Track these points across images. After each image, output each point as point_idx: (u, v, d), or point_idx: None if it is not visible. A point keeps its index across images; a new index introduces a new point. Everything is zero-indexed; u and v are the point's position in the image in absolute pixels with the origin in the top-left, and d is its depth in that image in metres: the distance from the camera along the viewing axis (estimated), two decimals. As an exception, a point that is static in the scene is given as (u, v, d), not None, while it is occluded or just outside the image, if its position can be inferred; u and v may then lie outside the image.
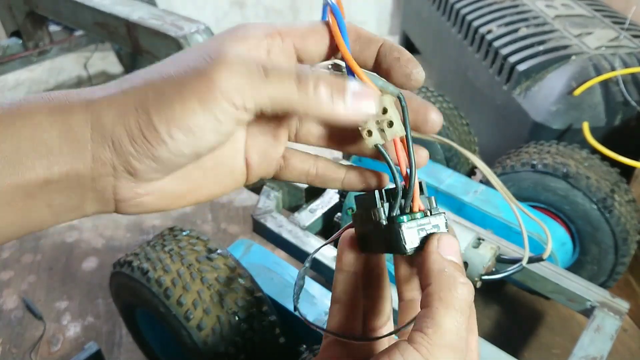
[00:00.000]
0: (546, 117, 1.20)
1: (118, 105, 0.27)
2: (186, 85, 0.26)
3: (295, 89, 0.27)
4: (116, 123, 0.27)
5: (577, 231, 0.98)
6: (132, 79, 0.28)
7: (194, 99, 0.26)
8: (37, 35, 1.58)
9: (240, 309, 0.72)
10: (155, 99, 0.27)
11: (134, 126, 0.27)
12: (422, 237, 0.29)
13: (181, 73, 0.27)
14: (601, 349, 0.70)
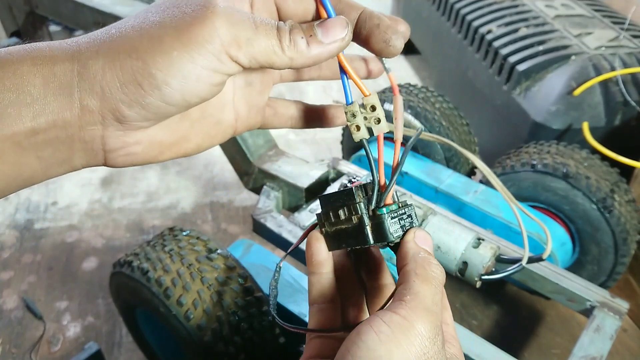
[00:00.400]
0: (546, 117, 1.20)
1: (108, 52, 0.26)
2: (184, 32, 0.26)
3: (277, 44, 0.28)
4: (106, 70, 0.26)
5: (577, 231, 0.98)
6: (119, 27, 0.28)
7: (193, 46, 0.26)
8: (37, 36, 1.58)
9: (240, 309, 0.72)
10: (151, 45, 0.26)
11: (127, 72, 0.26)
12: (402, 225, 0.31)
13: (177, 20, 0.26)
14: (601, 349, 0.70)
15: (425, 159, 1.10)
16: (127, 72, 0.26)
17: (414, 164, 1.07)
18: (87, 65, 0.27)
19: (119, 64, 0.26)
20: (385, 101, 1.12)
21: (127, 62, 0.26)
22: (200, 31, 0.26)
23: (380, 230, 0.30)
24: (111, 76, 0.26)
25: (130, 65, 0.26)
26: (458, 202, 0.99)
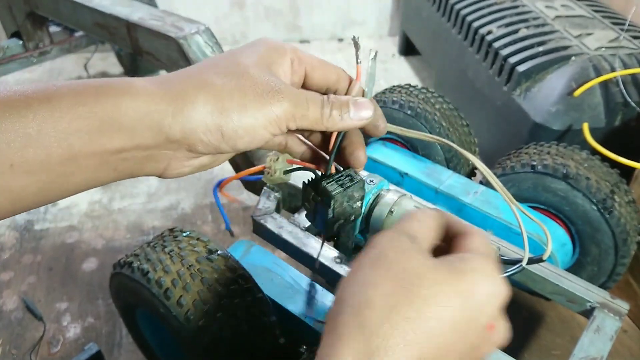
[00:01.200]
0: (546, 118, 1.20)
1: (203, 105, 0.35)
2: (265, 106, 0.36)
3: (320, 115, 0.38)
4: (198, 118, 0.34)
5: (577, 232, 0.98)
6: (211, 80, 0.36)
7: (267, 117, 0.36)
8: (38, 36, 1.59)
9: (240, 309, 0.72)
10: (238, 109, 0.35)
11: (215, 122, 0.35)
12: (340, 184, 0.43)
13: (258, 95, 0.36)
14: (601, 350, 0.70)
15: (425, 160, 1.10)
16: (216, 123, 0.35)
17: (414, 164, 1.07)
18: (182, 110, 0.34)
19: (211, 117, 0.35)
20: (386, 101, 1.12)
21: (218, 117, 0.35)
22: (275, 108, 0.36)
23: (323, 192, 0.43)
24: (202, 122, 0.35)
25: (220, 120, 0.35)
26: (458, 203, 0.99)
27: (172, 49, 1.02)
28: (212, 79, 0.36)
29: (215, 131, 0.35)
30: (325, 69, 0.42)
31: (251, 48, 0.39)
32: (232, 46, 2.31)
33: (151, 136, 0.34)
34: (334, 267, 0.81)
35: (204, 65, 0.38)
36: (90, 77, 1.98)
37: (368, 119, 0.40)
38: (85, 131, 0.32)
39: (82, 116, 0.32)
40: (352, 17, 2.38)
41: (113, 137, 0.33)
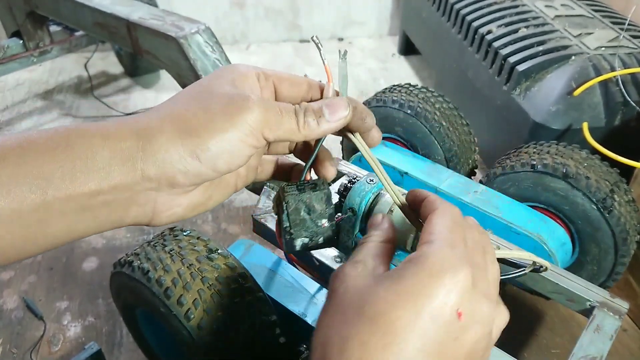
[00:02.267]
0: (546, 118, 1.20)
1: (170, 130, 0.33)
2: (234, 116, 0.34)
3: (295, 124, 0.37)
4: (169, 145, 0.33)
5: (576, 231, 0.98)
6: (172, 111, 0.35)
7: (240, 127, 0.34)
8: (38, 36, 1.59)
9: (240, 308, 0.72)
10: (206, 125, 0.33)
11: (187, 147, 0.33)
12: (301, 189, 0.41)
13: (224, 107, 0.34)
14: (601, 349, 0.70)
15: (425, 159, 1.10)
16: (187, 147, 0.33)
17: (414, 164, 1.07)
18: (150, 142, 0.33)
19: (181, 141, 0.33)
20: (386, 101, 1.12)
21: (187, 139, 0.33)
22: (246, 116, 0.34)
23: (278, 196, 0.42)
24: (173, 150, 0.33)
25: (190, 142, 0.33)
26: (458, 203, 0.99)
27: (172, 49, 1.02)
28: (175, 107, 0.35)
29: (189, 156, 0.33)
30: (293, 81, 0.41)
31: (215, 74, 0.39)
32: (232, 46, 2.31)
33: (126, 173, 0.33)
34: (334, 266, 0.81)
35: (170, 99, 0.37)
36: (90, 77, 1.98)
37: (345, 117, 0.38)
38: (58, 175, 0.31)
39: (54, 160, 0.31)
40: (352, 17, 2.38)
41: (88, 178, 0.32)
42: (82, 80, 2.02)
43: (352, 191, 0.81)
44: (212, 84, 0.37)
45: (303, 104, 0.38)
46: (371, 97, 1.17)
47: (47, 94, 1.96)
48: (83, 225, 0.33)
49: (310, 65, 2.19)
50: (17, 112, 1.86)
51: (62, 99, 1.93)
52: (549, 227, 0.96)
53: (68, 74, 2.08)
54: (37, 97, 1.95)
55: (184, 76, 1.06)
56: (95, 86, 1.98)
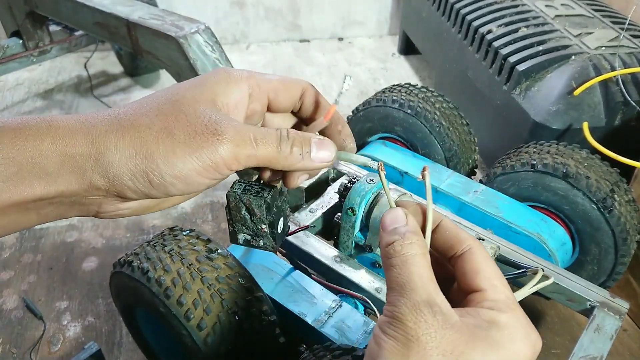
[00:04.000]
0: (546, 117, 1.20)
1: (125, 147, 0.31)
2: (196, 151, 0.31)
3: (276, 153, 0.34)
4: (122, 162, 0.31)
5: (577, 231, 0.98)
6: (134, 119, 0.32)
7: (202, 164, 0.31)
8: (37, 35, 1.59)
9: (240, 308, 0.72)
10: (165, 153, 0.31)
11: (140, 168, 0.31)
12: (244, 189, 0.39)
13: (190, 138, 0.31)
14: (601, 349, 0.70)
15: (425, 159, 1.10)
16: (140, 169, 0.31)
17: (414, 163, 1.07)
18: (104, 155, 0.31)
19: (134, 161, 0.31)
20: (386, 100, 1.12)
21: (142, 162, 0.31)
22: (211, 154, 0.31)
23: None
24: (126, 168, 0.31)
25: (145, 165, 0.31)
26: (458, 202, 0.99)
27: (172, 48, 1.02)
28: (139, 120, 0.32)
29: (141, 178, 0.31)
30: (289, 89, 0.38)
31: (199, 80, 0.35)
32: (232, 46, 2.31)
33: (75, 181, 0.31)
34: (334, 266, 0.81)
35: (138, 102, 0.34)
36: (90, 76, 1.98)
37: (329, 162, 0.36)
38: (1, 179, 0.29)
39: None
40: (352, 17, 2.38)
41: (33, 183, 0.30)
42: (82, 80, 2.02)
43: (352, 191, 0.81)
44: (187, 97, 0.33)
45: (291, 132, 0.35)
46: (371, 97, 1.17)
47: (46, 94, 1.96)
48: (25, 220, 0.32)
49: (310, 65, 2.19)
50: (17, 111, 1.86)
51: (61, 99, 1.93)
52: (549, 227, 0.96)
53: (68, 74, 2.08)
54: (37, 96, 1.94)
55: (183, 76, 1.06)
56: (95, 86, 1.98)
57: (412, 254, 0.32)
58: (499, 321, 0.30)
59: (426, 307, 0.29)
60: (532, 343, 0.31)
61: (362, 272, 0.80)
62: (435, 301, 0.30)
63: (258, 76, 0.37)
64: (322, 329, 0.74)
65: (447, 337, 0.29)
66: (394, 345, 0.29)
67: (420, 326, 0.29)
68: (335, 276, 0.81)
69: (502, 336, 0.30)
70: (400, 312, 0.30)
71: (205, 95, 0.34)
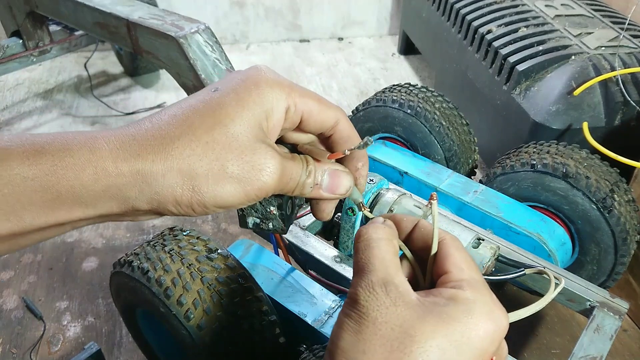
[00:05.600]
0: (546, 117, 1.20)
1: (172, 178, 0.31)
2: (245, 188, 0.32)
3: (295, 185, 0.35)
4: (167, 192, 0.31)
5: (576, 231, 0.98)
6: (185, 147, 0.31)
7: (249, 199, 0.33)
8: (37, 35, 1.59)
9: (240, 308, 0.72)
10: (215, 188, 0.31)
11: (185, 198, 0.31)
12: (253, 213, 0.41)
13: (241, 173, 0.32)
14: (601, 349, 0.70)
15: (425, 159, 1.10)
16: (186, 199, 0.31)
17: (414, 163, 1.07)
18: (150, 185, 0.31)
19: (180, 191, 0.31)
20: (386, 100, 1.12)
21: (189, 193, 0.31)
22: (256, 190, 0.32)
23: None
24: (171, 197, 0.31)
25: (191, 197, 0.31)
26: (458, 202, 0.99)
27: (172, 48, 1.02)
28: (187, 150, 0.31)
29: (185, 206, 0.31)
30: (323, 115, 0.36)
31: (242, 95, 0.33)
32: (232, 46, 2.31)
33: (116, 206, 0.31)
34: (334, 266, 0.81)
35: (184, 119, 0.32)
36: (90, 76, 1.98)
37: (342, 195, 0.37)
38: (39, 204, 0.28)
39: (36, 188, 0.28)
40: (352, 17, 2.38)
41: (73, 209, 0.30)
42: (82, 80, 2.02)
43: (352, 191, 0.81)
44: (238, 120, 0.32)
45: (310, 162, 0.36)
46: (371, 97, 1.17)
47: (46, 94, 1.96)
48: (62, 231, 0.32)
49: (310, 66, 2.19)
50: (17, 111, 1.86)
51: (61, 99, 1.93)
52: (549, 227, 0.96)
53: (68, 74, 2.08)
54: (37, 96, 1.94)
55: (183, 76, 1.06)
56: (95, 86, 1.98)
57: (375, 238, 0.33)
58: (458, 297, 0.30)
59: (380, 286, 0.30)
60: (494, 318, 0.30)
61: (362, 272, 0.79)
62: (391, 280, 0.31)
63: (297, 93, 0.35)
64: (322, 329, 0.74)
65: (397, 313, 0.29)
66: (348, 323, 0.30)
67: (371, 303, 0.30)
68: (335, 276, 0.81)
69: (458, 310, 0.30)
70: (355, 292, 0.31)
71: (254, 119, 0.32)
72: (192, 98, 0.33)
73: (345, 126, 0.38)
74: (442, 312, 0.29)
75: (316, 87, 2.03)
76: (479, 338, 0.29)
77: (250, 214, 0.41)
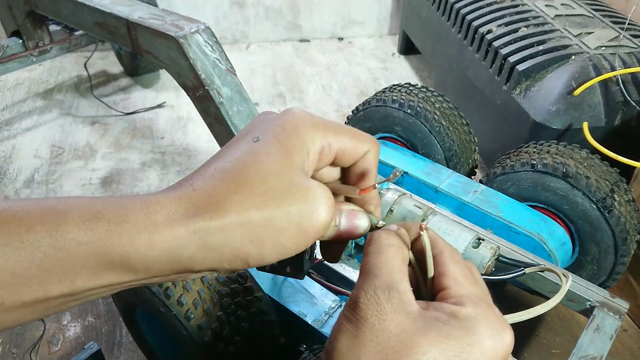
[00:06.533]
0: (546, 117, 1.20)
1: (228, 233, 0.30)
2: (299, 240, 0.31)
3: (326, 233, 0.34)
4: (225, 250, 0.30)
5: (576, 231, 0.98)
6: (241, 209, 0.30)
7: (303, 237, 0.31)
8: (37, 35, 1.58)
9: (240, 308, 0.72)
10: (274, 246, 0.31)
11: (243, 257, 0.30)
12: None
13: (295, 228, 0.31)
14: (601, 349, 0.70)
15: (425, 159, 1.10)
16: (242, 258, 0.30)
17: (414, 163, 1.07)
18: (207, 242, 0.30)
19: (238, 245, 0.30)
20: (386, 100, 1.12)
21: (246, 251, 0.30)
22: (316, 234, 0.32)
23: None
24: (228, 252, 0.30)
25: (249, 254, 0.30)
26: (458, 202, 0.99)
27: (172, 48, 1.02)
28: (246, 203, 0.30)
29: (241, 262, 0.31)
30: (356, 148, 0.36)
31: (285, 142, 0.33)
32: (232, 45, 2.31)
33: (169, 269, 0.30)
34: (334, 266, 0.81)
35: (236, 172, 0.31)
36: (90, 76, 1.98)
37: (359, 234, 0.36)
38: (91, 268, 0.28)
39: (90, 252, 0.28)
40: (352, 17, 2.38)
41: (126, 274, 0.29)
42: (82, 80, 2.02)
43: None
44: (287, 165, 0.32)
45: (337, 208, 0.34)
46: (371, 97, 1.17)
47: (46, 94, 1.96)
48: (109, 291, 0.32)
49: (310, 65, 2.19)
50: (17, 111, 1.86)
51: (61, 99, 1.93)
52: (549, 227, 0.96)
53: (68, 74, 2.08)
54: (37, 96, 1.94)
55: (183, 76, 1.06)
56: (95, 86, 1.98)
57: (386, 244, 0.33)
58: (460, 313, 0.30)
59: (383, 292, 0.30)
60: (496, 335, 0.29)
61: (362, 272, 0.80)
62: (395, 286, 0.30)
63: (332, 132, 0.35)
64: (322, 329, 0.74)
65: (396, 321, 0.29)
66: (347, 325, 0.30)
67: (371, 308, 0.29)
68: (335, 276, 0.81)
69: (460, 327, 0.29)
70: (357, 294, 0.30)
71: (300, 164, 0.32)
72: (236, 151, 0.33)
73: (372, 156, 0.37)
74: (443, 328, 0.29)
75: (316, 87, 2.03)
76: (481, 355, 0.29)
77: None
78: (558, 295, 0.37)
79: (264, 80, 2.08)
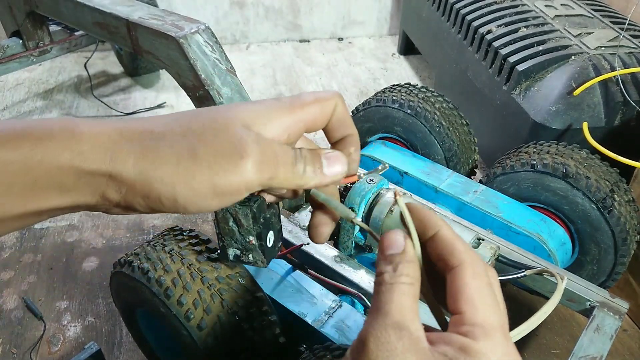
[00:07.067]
0: (546, 117, 1.20)
1: (142, 171, 0.29)
2: (217, 178, 0.30)
3: (292, 174, 0.32)
4: (136, 185, 0.29)
5: (576, 231, 0.98)
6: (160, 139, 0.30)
7: (222, 193, 0.30)
8: (38, 35, 1.59)
9: (240, 308, 0.72)
10: (184, 180, 0.30)
11: (154, 192, 0.30)
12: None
13: (211, 160, 0.29)
14: (601, 349, 0.70)
15: (425, 159, 1.10)
16: (154, 193, 0.30)
17: (414, 163, 1.07)
18: (120, 174, 0.29)
19: (149, 187, 0.29)
20: (386, 100, 1.12)
21: (157, 186, 0.29)
22: (233, 180, 0.30)
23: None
24: (140, 189, 0.30)
25: (159, 190, 0.30)
26: (458, 202, 0.99)
27: (172, 48, 1.02)
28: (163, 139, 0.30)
29: (155, 200, 0.30)
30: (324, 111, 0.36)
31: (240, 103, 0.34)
32: (232, 46, 2.31)
33: (90, 195, 0.30)
34: (334, 266, 0.81)
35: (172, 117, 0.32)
36: (90, 76, 1.98)
37: (341, 174, 0.35)
38: (18, 190, 0.28)
39: (15, 171, 0.28)
40: (352, 17, 2.38)
41: (50, 196, 0.29)
42: (82, 80, 2.02)
43: (352, 191, 0.81)
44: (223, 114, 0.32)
45: (303, 151, 0.33)
46: (371, 97, 1.17)
47: (47, 94, 1.96)
48: (36, 221, 0.31)
49: (310, 65, 2.19)
50: (17, 111, 1.86)
51: (62, 99, 1.93)
52: (549, 227, 0.96)
53: (68, 74, 2.08)
54: (37, 96, 1.94)
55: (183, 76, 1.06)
56: (95, 86, 1.98)
57: (398, 284, 0.31)
58: (470, 349, 0.29)
59: (393, 330, 0.29)
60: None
61: (362, 272, 0.80)
62: (406, 326, 0.29)
63: (297, 110, 0.34)
64: (322, 329, 0.74)
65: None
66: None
67: (381, 348, 0.28)
68: (335, 276, 0.81)
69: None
70: (366, 334, 0.29)
71: (242, 117, 0.32)
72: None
73: (340, 110, 0.36)
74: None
75: (316, 87, 2.03)
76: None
77: (230, 244, 0.39)
78: (555, 298, 0.37)
79: (264, 80, 2.08)
